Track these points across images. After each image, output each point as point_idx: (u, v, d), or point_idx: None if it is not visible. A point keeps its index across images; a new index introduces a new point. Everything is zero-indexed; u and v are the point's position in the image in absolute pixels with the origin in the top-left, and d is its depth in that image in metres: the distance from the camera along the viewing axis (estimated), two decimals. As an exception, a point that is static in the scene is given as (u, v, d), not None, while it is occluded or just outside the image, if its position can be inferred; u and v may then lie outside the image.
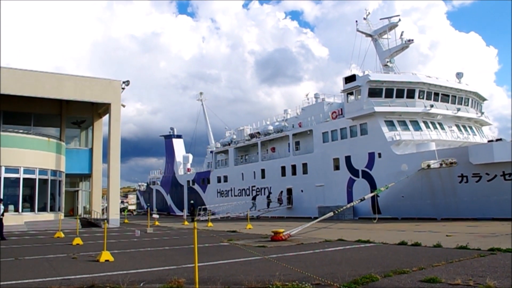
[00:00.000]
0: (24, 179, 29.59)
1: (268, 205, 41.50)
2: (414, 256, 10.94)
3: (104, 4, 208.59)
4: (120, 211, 58.51)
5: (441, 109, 34.05)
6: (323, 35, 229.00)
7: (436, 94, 34.53)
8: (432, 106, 33.32)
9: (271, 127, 46.32)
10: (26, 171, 29.79)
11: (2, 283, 8.25)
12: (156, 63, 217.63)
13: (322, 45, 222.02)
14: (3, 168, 28.59)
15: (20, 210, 29.14)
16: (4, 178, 28.74)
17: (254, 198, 42.82)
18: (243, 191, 48.15)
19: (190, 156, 65.52)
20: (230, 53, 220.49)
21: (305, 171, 39.80)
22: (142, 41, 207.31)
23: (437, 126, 33.96)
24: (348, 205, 26.39)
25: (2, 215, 20.65)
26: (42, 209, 30.96)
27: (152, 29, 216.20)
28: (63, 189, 34.27)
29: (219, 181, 53.35)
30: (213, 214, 42.25)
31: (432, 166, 27.90)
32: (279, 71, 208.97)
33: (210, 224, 30.33)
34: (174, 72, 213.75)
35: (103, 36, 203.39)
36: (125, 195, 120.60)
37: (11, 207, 28.85)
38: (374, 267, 9.18)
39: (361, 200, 25.67)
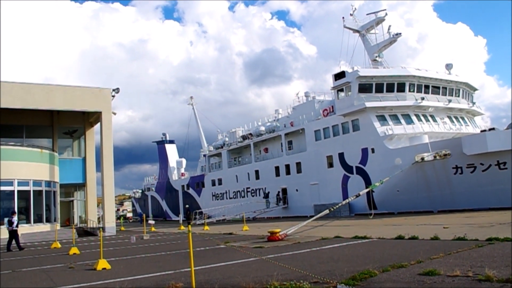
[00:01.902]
0: (18, 191, 29.38)
1: (277, 203, 41.30)
2: (411, 250, 10.93)
3: (90, 13, 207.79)
4: (119, 219, 58.55)
5: (432, 101, 34.17)
6: (310, 34, 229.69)
7: (427, 87, 34.65)
8: (423, 98, 33.42)
9: (263, 128, 46.30)
10: (20, 183, 29.58)
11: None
12: (145, 70, 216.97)
13: (310, 43, 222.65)
14: (-3, 181, 28.33)
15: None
16: (-1, 191, 28.49)
17: (266, 196, 42.17)
18: (238, 193, 48.07)
19: (184, 161, 65.37)
20: (218, 56, 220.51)
21: (299, 170, 39.80)
22: (130, 48, 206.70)
23: (429, 118, 34.05)
24: (344, 202, 26.35)
25: (17, 226, 20.81)
26: (38, 220, 30.73)
27: (139, 36, 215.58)
28: (58, 199, 34.06)
29: (213, 184, 53.22)
30: (209, 217, 42.11)
31: (426, 159, 27.99)
32: (268, 72, 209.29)
33: (206, 227, 30.20)
34: (163, 78, 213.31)
35: (90, 45, 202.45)
36: (120, 203, 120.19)
37: (6, 219, 28.57)
38: (372, 263, 9.14)
39: (357, 196, 25.66)
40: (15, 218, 21.00)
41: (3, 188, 28.79)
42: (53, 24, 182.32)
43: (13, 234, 20.43)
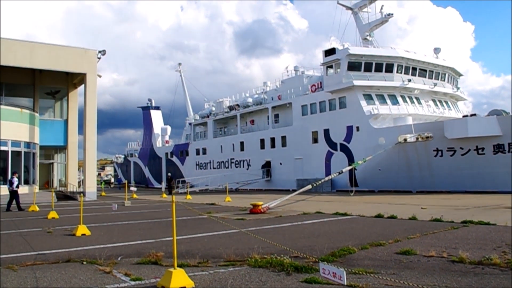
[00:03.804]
0: (-4, 151, 28.81)
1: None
2: (390, 229, 11.16)
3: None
4: (101, 184, 58.39)
5: (418, 83, 34.42)
6: (302, 7, 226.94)
7: (414, 69, 34.85)
8: (410, 80, 33.64)
9: (250, 100, 46.06)
10: (-2, 143, 28.96)
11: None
12: (133, 33, 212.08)
13: (302, 17, 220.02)
14: (-27, 140, 27.72)
15: (-8, 183, 28.45)
16: (-25, 150, 27.93)
17: (264, 167, 41.79)
18: (222, 164, 48.16)
19: (169, 128, 64.91)
20: (209, 24, 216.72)
21: (284, 144, 39.97)
22: (118, 9, 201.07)
23: (414, 100, 34.39)
24: (326, 178, 26.67)
25: (17, 187, 20.95)
26: (16, 182, 30.24)
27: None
28: (38, 161, 33.54)
29: (197, 153, 53.14)
30: (191, 186, 42.20)
31: (408, 140, 28.36)
32: (258, 43, 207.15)
33: (188, 196, 30.30)
34: (151, 42, 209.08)
35: (77, 3, 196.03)
36: (102, 167, 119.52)
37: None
38: (351, 240, 9.32)
39: (339, 173, 25.98)
40: (15, 179, 21.08)
41: (-20, 147, 28.18)
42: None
43: (13, 194, 20.55)
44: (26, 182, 31.36)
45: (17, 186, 21.04)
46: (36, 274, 6.75)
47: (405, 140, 28.41)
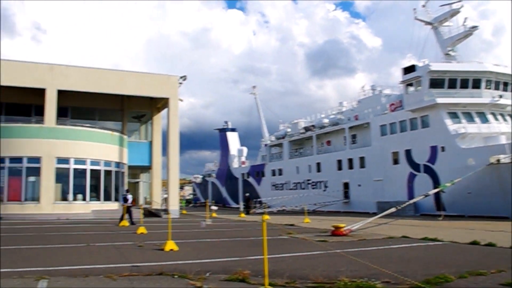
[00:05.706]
0: (90, 170, 31.25)
1: None
2: (489, 257, 10.27)
3: (155, 3, 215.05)
4: (186, 202, 60.99)
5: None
6: (375, 25, 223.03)
7: (505, 84, 32.51)
8: (501, 96, 31.31)
9: (326, 120, 45.67)
10: (93, 162, 31.41)
11: (75, 267, 8.62)
12: (207, 58, 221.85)
13: (375, 35, 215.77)
14: (72, 160, 30.44)
15: (87, 199, 30.83)
16: (74, 169, 30.60)
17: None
18: (298, 185, 47.88)
19: (245, 149, 66.11)
20: (280, 46, 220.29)
21: (362, 165, 38.86)
22: (193, 37, 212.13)
23: (507, 118, 31.90)
24: (411, 201, 25.41)
25: (131, 203, 23.42)
26: (107, 198, 32.48)
27: (202, 25, 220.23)
28: (126, 180, 35.73)
29: (273, 174, 53.42)
30: (268, 207, 42.36)
31: (502, 161, 26.20)
32: (330, 63, 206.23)
33: (266, 217, 30.32)
34: (224, 67, 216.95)
35: (156, 34, 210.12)
36: (181, 187, 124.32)
37: (80, 196, 30.64)
38: (446, 267, 8.69)
39: (425, 196, 24.64)
40: (129, 196, 23.64)
41: (77, 166, 30.82)
42: (121, 13, 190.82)
43: (128, 209, 22.80)
44: (116, 199, 33.46)
45: (131, 202, 23.21)
46: (134, 284, 7.10)
47: (498, 161, 26.29)
